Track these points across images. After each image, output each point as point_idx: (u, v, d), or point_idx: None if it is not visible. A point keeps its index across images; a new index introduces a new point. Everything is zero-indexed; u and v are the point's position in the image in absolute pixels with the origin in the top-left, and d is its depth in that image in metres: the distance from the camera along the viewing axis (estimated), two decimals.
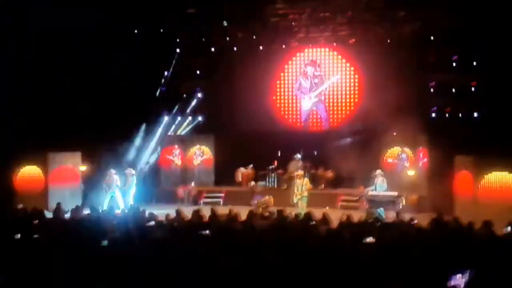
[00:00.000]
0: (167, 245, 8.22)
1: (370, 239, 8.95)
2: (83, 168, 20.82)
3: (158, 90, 25.57)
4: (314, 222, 12.10)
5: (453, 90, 22.90)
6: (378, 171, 19.07)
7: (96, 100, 21.98)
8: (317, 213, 13.60)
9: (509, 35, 18.61)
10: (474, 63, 22.29)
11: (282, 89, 26.12)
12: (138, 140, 24.92)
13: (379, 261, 6.35)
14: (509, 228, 11.72)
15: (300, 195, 18.41)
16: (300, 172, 19.74)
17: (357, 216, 14.40)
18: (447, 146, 19.54)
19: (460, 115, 22.99)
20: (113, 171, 19.95)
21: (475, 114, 22.64)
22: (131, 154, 24.10)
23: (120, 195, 19.90)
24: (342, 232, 9.65)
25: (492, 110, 21.03)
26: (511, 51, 18.90)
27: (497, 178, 17.25)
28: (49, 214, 14.55)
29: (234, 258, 6.72)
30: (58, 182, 19.83)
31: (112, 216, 14.25)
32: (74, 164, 20.67)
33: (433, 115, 23.44)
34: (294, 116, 26.04)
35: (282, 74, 26.03)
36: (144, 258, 6.88)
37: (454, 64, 22.69)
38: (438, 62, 22.87)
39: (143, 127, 25.17)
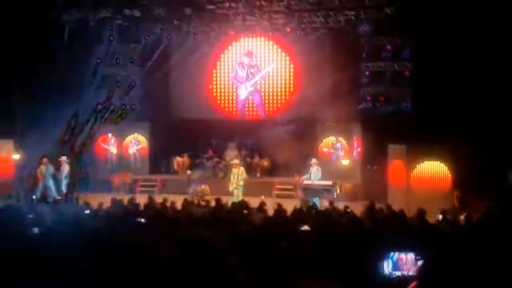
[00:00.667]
0: (102, 234, 7.99)
1: (305, 227, 8.92)
2: (16, 157, 20.16)
3: (92, 78, 24.92)
4: (249, 210, 12.10)
5: (386, 79, 23.18)
6: (314, 160, 19.19)
7: (29, 87, 21.33)
8: (253, 202, 13.62)
9: (443, 25, 18.92)
10: (407, 53, 22.63)
11: (218, 78, 25.94)
12: (71, 128, 24.28)
13: (314, 248, 6.30)
14: (440, 216, 11.98)
15: (236, 184, 18.41)
16: (236, 161, 19.69)
17: (293, 204, 14.49)
18: (381, 135, 19.83)
19: (392, 105, 23.31)
20: (45, 159, 19.46)
21: (408, 104, 23.01)
22: (65, 141, 23.44)
23: (53, 184, 19.45)
24: (278, 220, 9.63)
25: (425, 99, 21.40)
26: (444, 41, 19.22)
27: (429, 167, 17.62)
28: None
29: (169, 246, 6.52)
30: None
31: (45, 205, 13.94)
32: (7, 153, 20.00)
33: (367, 104, 23.70)
34: (230, 105, 25.92)
35: (218, 63, 25.84)
36: (77, 247, 6.64)
37: (387, 54, 22.94)
38: (372, 51, 23.10)
39: (76, 114, 24.54)
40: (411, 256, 5.96)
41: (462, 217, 11.90)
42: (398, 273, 5.92)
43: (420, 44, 21.45)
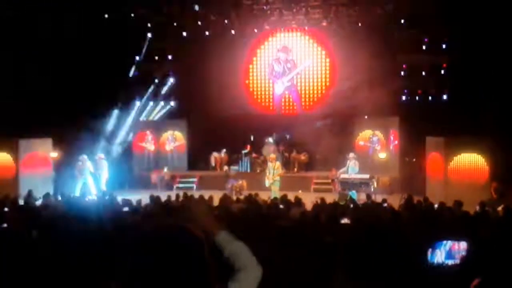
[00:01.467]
0: (141, 231, 8.15)
1: (345, 220, 9.04)
2: (54, 154, 20.52)
3: (130, 75, 25.35)
4: (287, 205, 12.20)
5: (423, 72, 23.11)
6: (352, 154, 19.23)
7: (68, 86, 21.69)
8: (291, 197, 13.75)
9: (480, 16, 18.80)
10: (444, 46, 22.52)
11: (255, 73, 26.09)
12: (110, 125, 24.78)
13: (356, 241, 6.39)
14: (478, 208, 11.98)
15: (272, 179, 18.47)
16: (273, 155, 19.77)
17: (330, 198, 14.62)
18: (418, 128, 19.80)
19: (430, 97, 23.23)
20: (84, 157, 19.85)
21: (445, 97, 22.90)
22: (103, 139, 23.91)
23: (92, 181, 19.80)
24: (318, 214, 9.73)
25: (462, 91, 21.29)
26: (480, 34, 19.10)
27: (466, 159, 17.54)
28: (20, 202, 14.47)
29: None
30: (29, 169, 19.53)
31: (85, 202, 14.21)
32: (45, 151, 20.37)
33: (404, 97, 23.65)
34: (267, 100, 26.06)
35: (254, 59, 25.98)
36: (117, 244, 6.82)
37: (424, 47, 22.87)
38: (409, 45, 23.05)
39: (115, 112, 25.02)
40: (463, 244, 5.98)
41: (500, 209, 11.90)
42: (451, 262, 5.95)
43: (457, 36, 21.33)
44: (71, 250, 6.83)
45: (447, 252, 5.96)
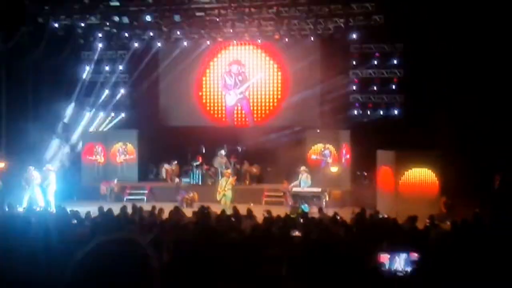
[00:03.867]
0: (90, 243, 7.92)
1: (296, 233, 8.94)
2: (1, 165, 19.95)
3: (79, 85, 24.87)
4: (238, 218, 12.07)
5: (375, 87, 23.36)
6: (303, 168, 19.27)
7: (14, 94, 21.24)
8: (242, 209, 13.63)
9: (431, 32, 19.09)
10: (395, 61, 22.82)
11: (208, 85, 25.89)
12: (58, 136, 24.21)
13: (307, 254, 6.31)
14: (428, 221, 12.06)
15: (223, 192, 18.37)
16: (229, 171, 19.71)
17: (282, 211, 14.53)
18: (370, 141, 19.95)
19: (381, 111, 23.47)
20: (32, 167, 19.31)
21: (396, 111, 23.17)
22: (51, 150, 23.37)
23: (39, 193, 19.28)
24: (269, 227, 9.62)
25: (413, 106, 21.58)
26: (433, 47, 19.39)
27: (417, 173, 17.69)
28: None
29: (159, 254, 6.52)
30: None
31: (32, 214, 13.79)
32: None
33: (355, 111, 23.82)
34: (220, 112, 25.89)
35: (208, 71, 25.80)
36: (64, 258, 6.55)
37: (375, 62, 23.12)
38: (361, 58, 23.30)
39: (64, 122, 24.48)
40: (404, 256, 6.05)
41: (448, 223, 12.01)
42: (394, 271, 6.02)
43: (409, 51, 21.66)
44: (12, 267, 6.55)
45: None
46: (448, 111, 19.30)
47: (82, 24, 22.92)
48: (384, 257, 6.12)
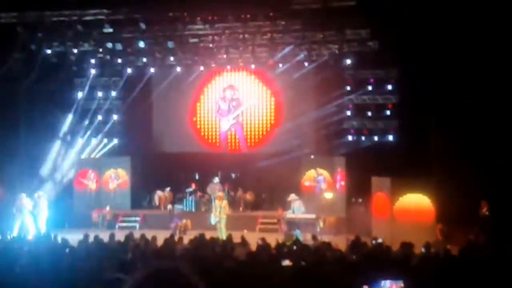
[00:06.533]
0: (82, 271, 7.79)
1: (286, 262, 8.76)
2: None
3: (72, 112, 24.79)
4: (232, 245, 11.95)
5: (369, 113, 23.30)
6: (292, 196, 19.22)
7: (8, 121, 21.24)
8: (236, 236, 13.48)
9: (426, 58, 19.09)
10: (390, 87, 22.78)
11: (202, 111, 25.79)
12: (50, 163, 24.05)
13: (295, 284, 6.15)
14: (423, 249, 11.88)
15: (218, 217, 18.27)
16: (220, 193, 19.62)
17: (276, 238, 14.33)
18: (364, 168, 19.81)
19: (376, 137, 23.38)
20: (23, 195, 19.16)
21: (390, 137, 23.07)
22: (42, 177, 23.20)
23: (31, 220, 19.08)
24: (260, 255, 9.48)
25: (408, 132, 21.50)
26: (427, 73, 19.37)
27: (412, 200, 17.52)
28: None
29: (154, 283, 6.33)
30: None
31: (23, 242, 13.63)
32: None
33: (350, 137, 23.71)
34: (214, 138, 25.75)
35: (202, 96, 25.71)
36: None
37: (370, 87, 23.09)
38: (355, 85, 23.29)
39: (56, 149, 24.34)
40: (400, 284, 5.88)
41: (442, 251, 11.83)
42: None
43: (403, 77, 21.64)
44: None
45: None
46: (443, 136, 19.20)
47: (75, 51, 22.93)
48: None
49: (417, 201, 17.53)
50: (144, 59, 23.96)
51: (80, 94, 25.06)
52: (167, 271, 2.42)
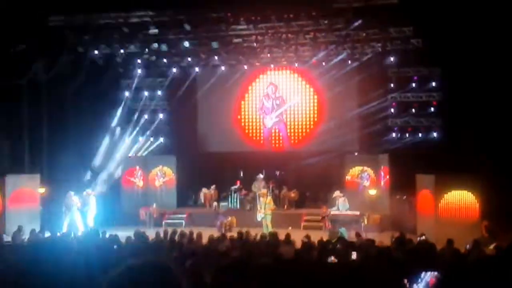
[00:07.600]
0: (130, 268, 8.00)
1: (332, 259, 8.91)
2: (41, 190, 20.27)
3: (119, 111, 25.37)
4: (277, 243, 12.06)
5: (413, 109, 23.22)
6: (337, 193, 19.26)
7: (56, 124, 21.84)
8: (281, 234, 13.60)
9: (470, 55, 18.96)
10: (433, 84, 22.68)
11: (247, 109, 26.08)
12: (98, 162, 24.65)
13: (343, 280, 6.30)
14: (468, 246, 11.85)
15: (264, 213, 18.45)
16: (264, 190, 19.76)
17: (320, 236, 14.45)
18: (409, 165, 19.77)
19: (420, 135, 23.29)
20: (72, 193, 19.62)
21: (435, 134, 22.96)
22: (91, 175, 23.77)
23: (79, 217, 19.55)
24: (308, 252, 9.60)
25: (452, 129, 21.37)
26: (471, 70, 19.24)
27: (457, 197, 17.45)
28: (7, 238, 14.25)
29: (199, 281, 6.57)
30: (16, 205, 19.23)
31: (72, 239, 13.96)
32: (33, 187, 20.08)
33: (394, 134, 23.67)
34: (258, 135, 26.01)
35: (246, 95, 25.99)
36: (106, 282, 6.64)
37: (413, 85, 23.03)
38: (398, 82, 23.24)
39: (104, 148, 24.92)
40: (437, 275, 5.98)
41: (491, 247, 11.77)
42: None
43: (447, 74, 21.50)
44: None
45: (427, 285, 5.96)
46: (488, 133, 19.06)
47: (122, 52, 23.44)
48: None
49: (461, 198, 17.46)
50: (189, 59, 24.32)
51: (126, 94, 25.65)
52: (148, 267, 2.38)
